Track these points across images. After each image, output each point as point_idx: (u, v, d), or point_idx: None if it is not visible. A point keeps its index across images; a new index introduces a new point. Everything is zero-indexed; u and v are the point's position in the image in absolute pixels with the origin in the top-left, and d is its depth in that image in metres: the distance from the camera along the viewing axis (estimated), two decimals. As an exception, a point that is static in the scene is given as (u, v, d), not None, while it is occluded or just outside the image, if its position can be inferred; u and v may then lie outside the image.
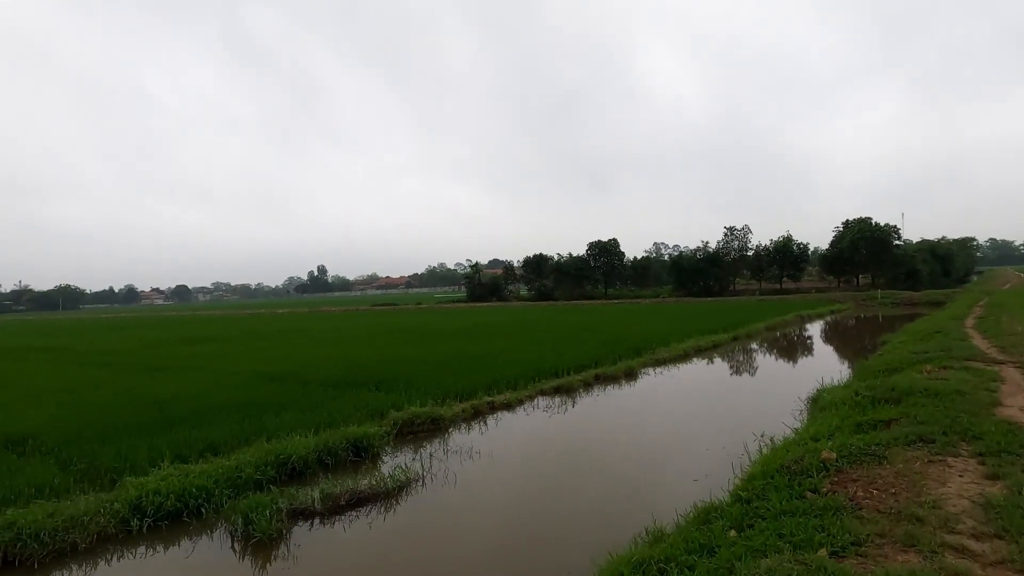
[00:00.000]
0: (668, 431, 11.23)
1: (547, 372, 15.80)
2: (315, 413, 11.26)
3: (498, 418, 12.47)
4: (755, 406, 12.61)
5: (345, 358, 19.28)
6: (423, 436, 10.99)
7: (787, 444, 7.57)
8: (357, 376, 15.68)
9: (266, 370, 17.22)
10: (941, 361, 11.79)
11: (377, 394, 13.34)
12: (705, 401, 13.71)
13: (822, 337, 26.90)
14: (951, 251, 72.63)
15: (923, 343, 15.87)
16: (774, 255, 62.45)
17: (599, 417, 12.54)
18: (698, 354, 20.82)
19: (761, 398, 13.43)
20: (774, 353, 21.96)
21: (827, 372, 14.91)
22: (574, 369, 16.66)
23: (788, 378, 15.72)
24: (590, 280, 71.46)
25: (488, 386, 14.12)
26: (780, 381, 15.48)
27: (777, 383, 15.26)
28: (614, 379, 16.23)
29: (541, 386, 14.68)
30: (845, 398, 9.36)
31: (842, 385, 11.72)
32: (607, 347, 20.15)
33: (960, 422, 6.90)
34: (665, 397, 14.36)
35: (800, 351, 22.38)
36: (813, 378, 13.79)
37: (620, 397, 14.49)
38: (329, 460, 9.02)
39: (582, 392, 14.81)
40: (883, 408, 8.29)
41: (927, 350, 13.94)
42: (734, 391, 14.72)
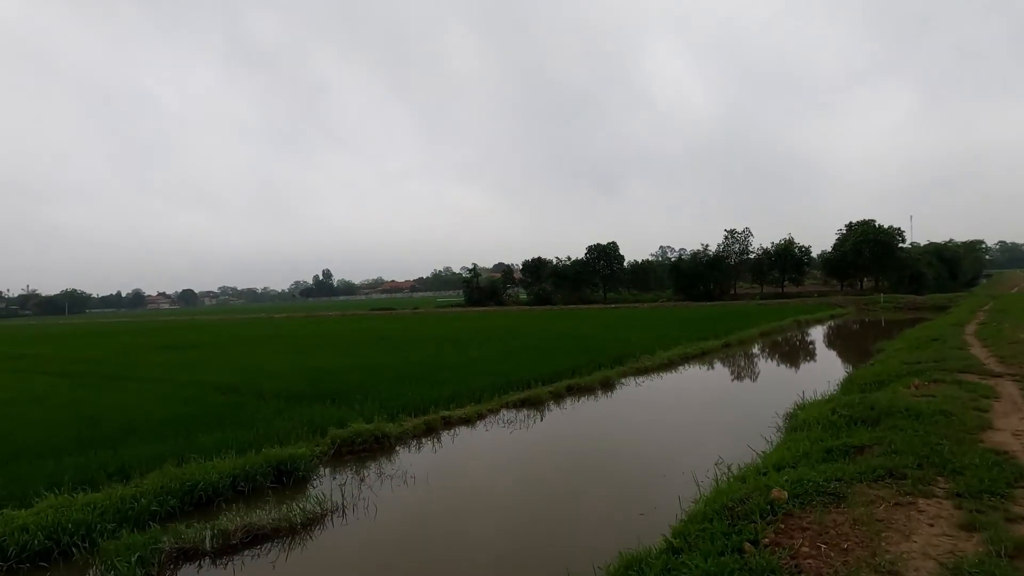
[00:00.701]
0: (630, 452, 10.31)
1: (518, 383, 14.91)
2: (252, 430, 10.43)
3: (454, 435, 11.59)
4: (729, 423, 11.68)
5: (313, 367, 18.48)
6: (366, 456, 10.12)
7: (744, 473, 6.67)
8: (318, 387, 14.88)
9: (227, 380, 16.41)
10: (932, 374, 10.83)
11: (329, 408, 12.51)
12: (678, 416, 12.78)
13: (817, 344, 25.83)
14: (958, 254, 71.31)
15: (918, 352, 14.89)
16: (775, 258, 61.26)
17: (561, 435, 11.63)
18: (685, 362, 19.87)
19: (738, 414, 12.48)
20: (763, 362, 20.95)
21: (813, 384, 13.95)
22: (548, 379, 15.81)
23: (772, 390, 14.76)
24: (589, 284, 70.44)
25: (450, 399, 13.27)
26: (763, 393, 14.52)
27: (759, 396, 14.31)
28: (588, 390, 15.32)
29: (508, 398, 13.79)
30: (821, 417, 8.43)
31: (824, 399, 10.78)
32: (589, 355, 19.26)
33: (939, 452, 5.97)
34: (637, 412, 13.43)
35: (791, 360, 21.38)
36: (797, 390, 12.86)
37: (590, 411, 13.58)
38: (245, 487, 8.16)
39: (551, 405, 13.90)
40: (858, 431, 7.36)
41: (920, 360, 12.97)
42: (711, 405, 13.77)
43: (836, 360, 19.62)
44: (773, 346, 24.46)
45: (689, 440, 10.79)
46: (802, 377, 16.33)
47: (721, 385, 16.31)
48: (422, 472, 9.03)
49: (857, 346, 23.07)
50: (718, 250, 63.55)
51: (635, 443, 10.82)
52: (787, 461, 6.73)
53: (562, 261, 71.49)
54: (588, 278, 70.01)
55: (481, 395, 13.72)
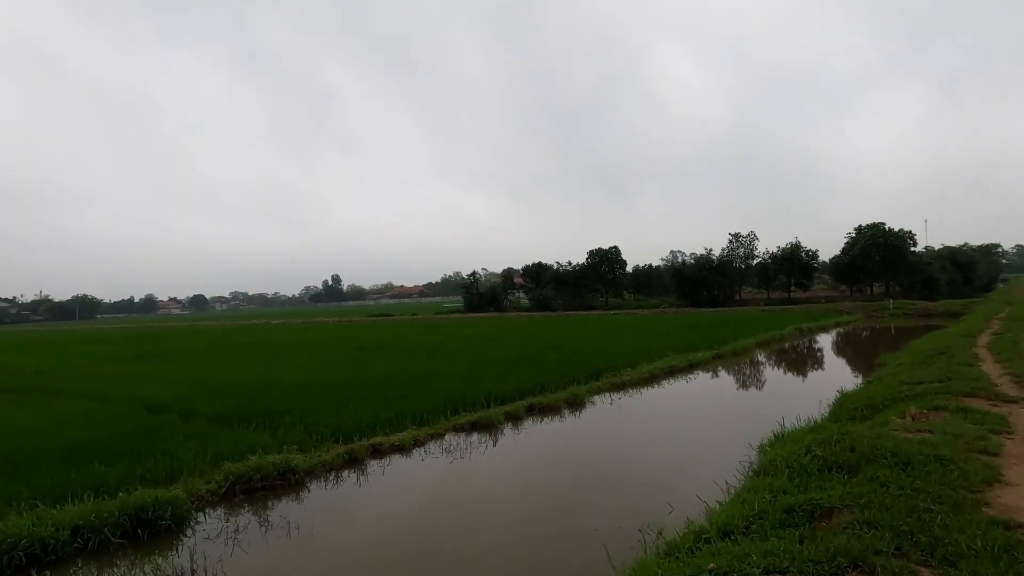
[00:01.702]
0: (572, 495, 8.79)
1: (474, 402, 13.48)
2: (145, 463, 9.09)
3: (385, 465, 10.15)
4: (695, 456, 10.13)
5: (267, 380, 17.19)
6: (266, 495, 8.71)
7: (679, 542, 5.19)
8: (255, 406, 13.55)
9: (166, 396, 15.14)
10: (933, 399, 9.24)
11: (251, 433, 11.18)
12: (640, 446, 11.23)
13: (814, 357, 24.07)
14: (973, 258, 68.95)
15: (921, 369, 13.27)
16: (781, 263, 59.36)
17: (501, 469, 10.15)
18: (669, 376, 18.31)
19: (708, 444, 10.90)
20: (752, 377, 19.26)
21: (801, 405, 12.38)
22: (513, 396, 14.37)
23: (754, 413, 13.18)
24: (590, 290, 68.81)
25: (392, 421, 11.87)
26: (742, 418, 12.93)
27: (737, 421, 12.72)
28: (552, 410, 13.82)
29: (457, 420, 12.34)
30: (792, 457, 6.89)
31: (805, 428, 9.23)
32: (565, 368, 17.78)
33: (928, 525, 4.44)
34: (597, 438, 11.90)
35: (782, 375, 19.63)
36: (782, 414, 11.32)
37: (546, 436, 12.08)
38: (89, 541, 6.76)
39: (505, 429, 12.43)
40: (832, 481, 5.84)
41: (922, 380, 11.36)
42: (680, 433, 12.15)
43: (832, 376, 17.90)
44: (767, 358, 22.77)
45: (642, 480, 9.27)
46: (791, 396, 14.74)
47: (699, 406, 14.70)
48: (317, 519, 7.61)
49: (859, 359, 21.34)
50: (722, 254, 61.73)
51: (580, 483, 9.31)
52: (737, 523, 5.24)
53: (563, 266, 69.96)
54: (589, 283, 68.39)
55: (426, 417, 12.30)
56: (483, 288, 73.66)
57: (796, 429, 9.38)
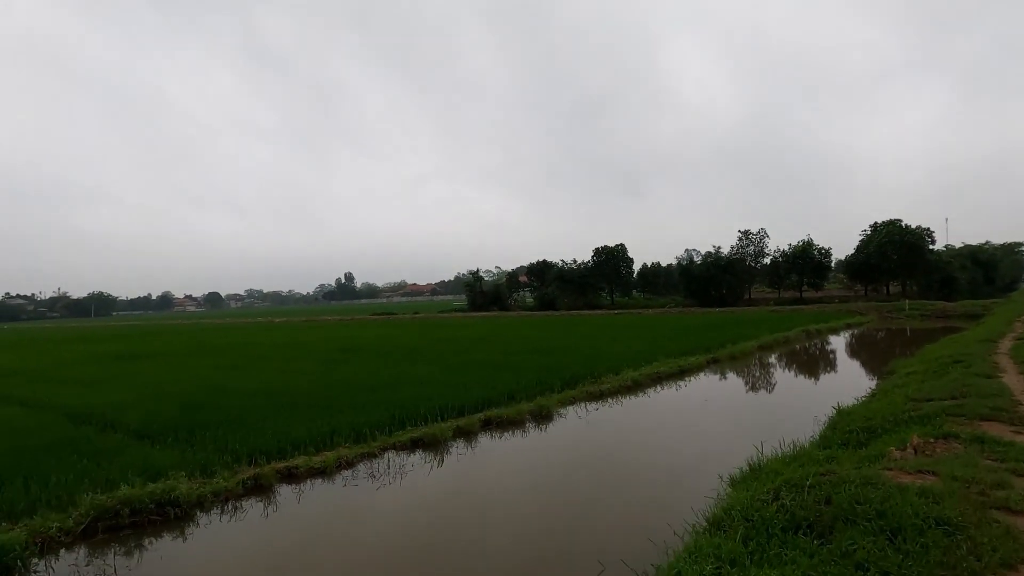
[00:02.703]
0: (495, 538, 7.35)
1: (426, 414, 12.09)
2: (7, 491, 7.85)
3: (300, 492, 8.78)
4: (652, 493, 8.55)
5: (214, 387, 15.96)
6: (144, 531, 7.38)
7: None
8: (189, 415, 12.41)
9: (100, 404, 13.99)
10: (942, 423, 7.65)
11: (167, 450, 9.98)
12: (594, 474, 9.65)
13: (818, 363, 22.20)
14: (995, 256, 66.07)
15: (933, 380, 11.62)
16: (793, 261, 57.23)
17: (430, 499, 8.69)
18: (655, 384, 16.77)
19: (671, 475, 9.27)
20: (744, 387, 17.39)
21: (790, 425, 10.85)
22: (476, 406, 12.99)
23: (734, 431, 11.59)
24: (595, 288, 67.08)
25: (325, 438, 10.52)
26: (718, 439, 11.33)
27: (713, 442, 11.13)
28: (513, 424, 12.37)
29: (398, 438, 10.94)
30: (753, 506, 5.40)
31: (783, 458, 7.71)
32: (543, 374, 16.35)
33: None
34: (549, 461, 10.38)
35: (779, 384, 17.67)
36: (764, 435, 9.80)
37: (494, 458, 10.62)
38: None
39: (454, 446, 11.00)
40: (795, 549, 4.35)
41: (933, 394, 9.75)
42: (644, 456, 10.52)
43: (834, 386, 16.15)
44: (767, 364, 21.04)
45: (580, 526, 7.78)
46: (783, 411, 13.14)
47: (677, 421, 13.05)
48: (181, 568, 6.24)
49: (866, 365, 19.53)
50: (731, 253, 59.70)
51: (514, 523, 7.86)
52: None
53: (567, 264, 68.31)
54: (594, 282, 66.67)
55: (370, 431, 10.93)
56: (487, 287, 72.26)
57: (775, 458, 7.88)
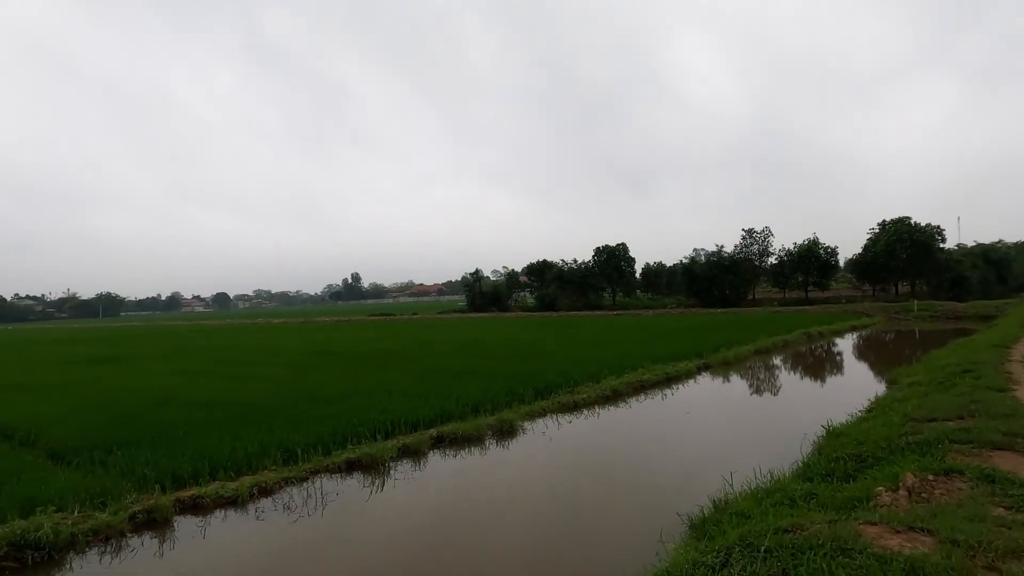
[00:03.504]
0: None
1: (373, 430, 10.95)
2: None
3: (203, 527, 7.65)
4: (596, 539, 7.34)
5: (158, 398, 14.91)
6: (-4, 578, 6.27)
7: None
8: (118, 430, 11.34)
9: (29, 416, 13.03)
10: (944, 453, 6.40)
11: (72, 471, 9.00)
12: (538, 507, 8.43)
13: (817, 369, 20.64)
14: (1008, 255, 64.10)
15: (938, 393, 10.33)
16: (798, 261, 55.68)
17: (352, 534, 7.53)
18: (637, 392, 15.54)
19: (627, 511, 8.01)
20: (731, 397, 15.74)
21: (773, 447, 9.65)
22: (433, 420, 11.85)
23: (706, 455, 10.26)
24: (595, 288, 65.73)
25: (251, 458, 9.43)
26: (689, 464, 10.00)
27: (681, 468, 9.80)
28: (469, 441, 11.18)
29: (335, 458, 9.79)
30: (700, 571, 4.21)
31: (750, 496, 6.49)
32: (516, 381, 15.16)
33: None
34: (498, 487, 9.19)
35: (768, 395, 15.77)
36: (740, 461, 8.61)
37: (440, 480, 9.44)
38: None
39: (396, 468, 9.83)
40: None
41: (935, 414, 8.47)
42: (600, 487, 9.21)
43: (828, 397, 14.70)
44: (760, 371, 19.64)
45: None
46: (768, 428, 11.86)
47: (650, 438, 11.68)
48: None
49: (867, 373, 18.08)
50: (735, 252, 58.22)
51: (448, 560, 6.68)
52: None
53: (567, 264, 67.01)
54: (595, 282, 65.34)
55: (304, 451, 9.78)
56: (486, 287, 71.10)
57: (745, 494, 6.67)
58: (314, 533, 7.41)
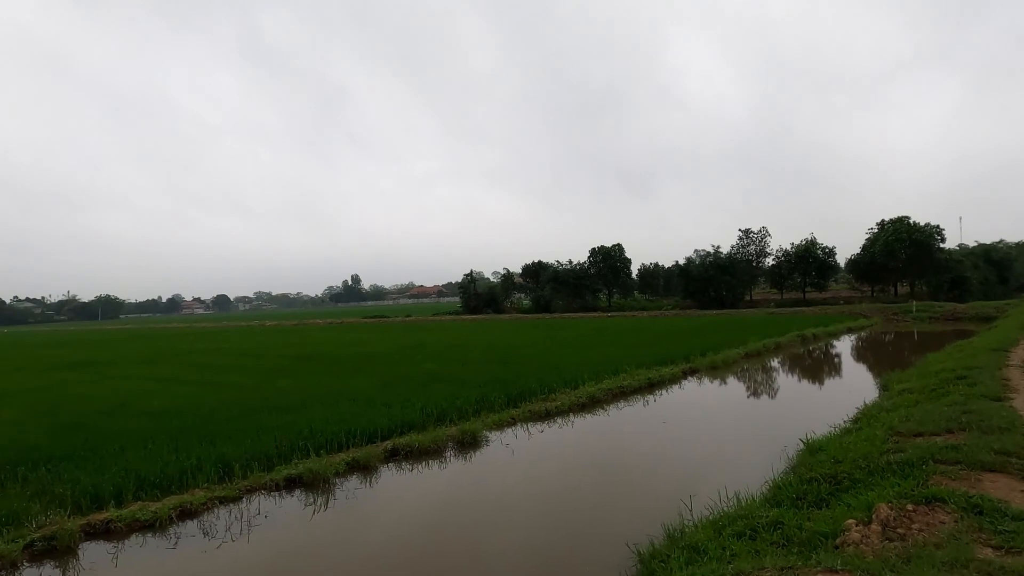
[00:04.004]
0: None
1: (319, 444, 10.22)
2: None
3: (115, 554, 6.92)
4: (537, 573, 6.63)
5: (114, 404, 14.26)
6: None
7: None
8: (57, 443, 10.64)
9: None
10: (929, 476, 5.66)
11: None
12: (489, 528, 7.74)
13: (806, 374, 19.63)
14: (1009, 255, 63.31)
15: (928, 403, 9.58)
16: (795, 261, 54.90)
17: (278, 563, 6.80)
18: (616, 399, 14.79)
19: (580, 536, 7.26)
20: (712, 405, 14.65)
21: (748, 459, 8.93)
22: (388, 432, 11.13)
23: (676, 474, 9.47)
24: (591, 290, 64.96)
25: (188, 473, 8.69)
26: (657, 480, 9.25)
27: (647, 485, 9.05)
28: (428, 453, 10.44)
29: (277, 474, 9.06)
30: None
31: (707, 525, 5.76)
32: (487, 389, 14.44)
33: None
34: (449, 507, 8.48)
35: (752, 402, 14.94)
36: (713, 478, 7.90)
37: (388, 499, 8.71)
38: None
39: (341, 486, 9.10)
40: None
41: (922, 427, 7.73)
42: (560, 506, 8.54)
43: (814, 405, 13.78)
44: (747, 376, 18.76)
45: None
46: (745, 440, 11.06)
47: (620, 452, 10.83)
48: None
49: (859, 377, 17.19)
50: (731, 252, 57.44)
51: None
52: None
53: (562, 264, 66.25)
54: (590, 283, 64.57)
55: (232, 468, 9.05)
56: (481, 288, 70.37)
57: (702, 522, 5.94)
58: (232, 562, 6.69)
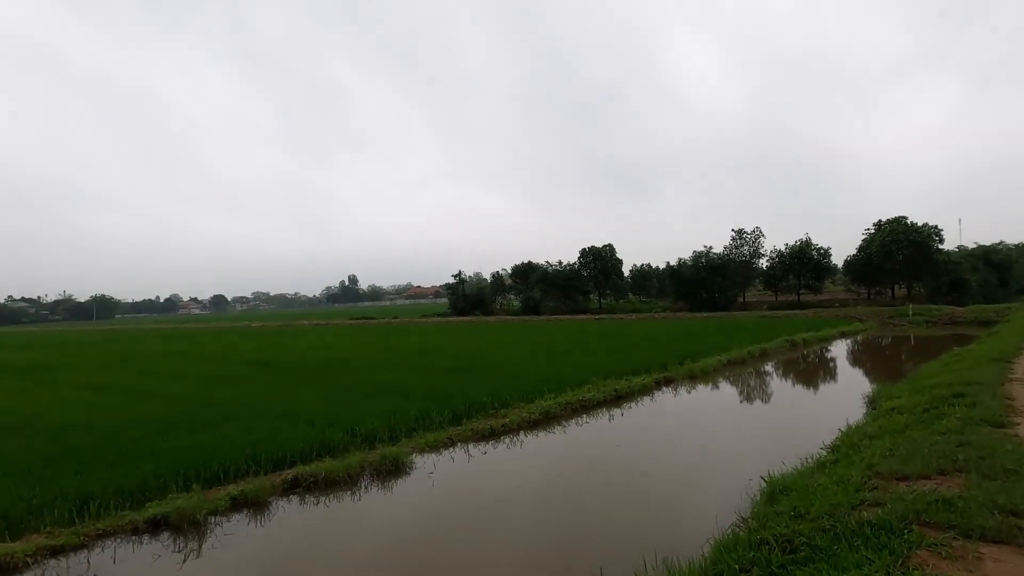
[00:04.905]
0: None
1: (220, 469, 8.80)
2: None
3: None
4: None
5: (19, 425, 12.75)
6: None
7: None
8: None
9: None
10: (909, 548, 4.19)
11: None
12: None
13: (789, 386, 17.81)
14: (1010, 257, 61.86)
15: (917, 429, 8.13)
16: (790, 263, 53.46)
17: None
18: (574, 414, 13.34)
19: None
20: (677, 425, 12.84)
21: (706, 497, 7.50)
22: (297, 457, 9.72)
23: (605, 526, 8.08)
24: (581, 291, 63.49)
25: (43, 508, 7.25)
26: (584, 533, 7.81)
27: (570, 536, 7.65)
28: (336, 484, 8.98)
29: (143, 514, 7.60)
30: None
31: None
32: (436, 402, 13.03)
33: None
34: (348, 551, 7.02)
35: (723, 420, 13.01)
36: (650, 530, 6.48)
37: (264, 547, 7.24)
38: None
39: (222, 525, 7.64)
40: None
41: (908, 468, 6.27)
42: (458, 560, 7.25)
43: (791, 427, 11.99)
44: (724, 387, 17.13)
45: None
46: (704, 474, 9.48)
47: (557, 484, 9.46)
48: None
49: (846, 390, 15.46)
50: (724, 252, 56.01)
51: None
52: None
53: (552, 265, 64.79)
54: (580, 284, 63.10)
55: (91, 505, 7.61)
56: (469, 290, 68.89)
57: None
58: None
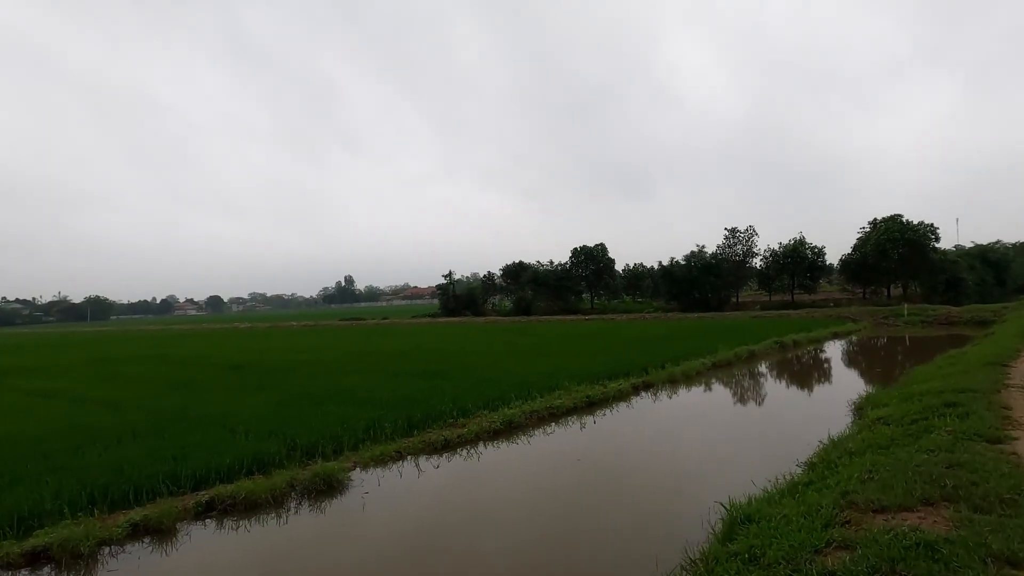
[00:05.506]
0: None
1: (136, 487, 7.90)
2: None
3: None
4: None
5: None
6: None
7: None
8: None
9: None
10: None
11: None
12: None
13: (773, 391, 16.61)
14: (1007, 256, 61.16)
15: (903, 446, 7.24)
16: (783, 262, 52.64)
17: None
18: (537, 424, 12.42)
19: None
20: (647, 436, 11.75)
21: (660, 539, 6.60)
22: (222, 474, 8.83)
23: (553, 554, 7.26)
24: (573, 291, 62.60)
25: None
26: (512, 563, 6.99)
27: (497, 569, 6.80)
28: (262, 506, 8.07)
29: (24, 545, 6.68)
30: None
31: None
32: (392, 410, 12.17)
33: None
34: None
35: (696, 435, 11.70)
36: (608, 553, 5.60)
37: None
38: None
39: (117, 558, 6.74)
40: None
41: (888, 496, 5.38)
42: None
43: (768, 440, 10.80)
44: (703, 395, 16.08)
45: None
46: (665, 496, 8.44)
47: (499, 511, 8.56)
48: None
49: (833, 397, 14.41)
50: (717, 252, 55.16)
51: None
52: None
53: (543, 265, 63.90)
54: (572, 285, 62.20)
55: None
56: (460, 290, 67.96)
57: None
58: None
